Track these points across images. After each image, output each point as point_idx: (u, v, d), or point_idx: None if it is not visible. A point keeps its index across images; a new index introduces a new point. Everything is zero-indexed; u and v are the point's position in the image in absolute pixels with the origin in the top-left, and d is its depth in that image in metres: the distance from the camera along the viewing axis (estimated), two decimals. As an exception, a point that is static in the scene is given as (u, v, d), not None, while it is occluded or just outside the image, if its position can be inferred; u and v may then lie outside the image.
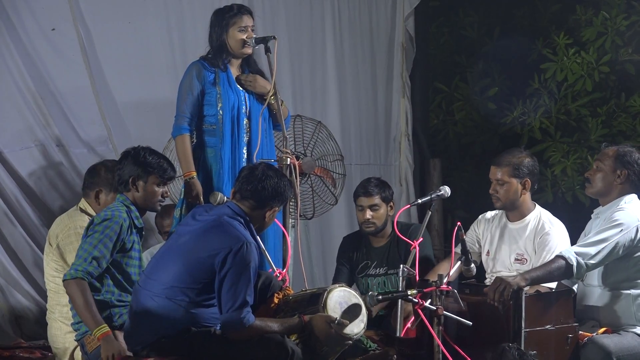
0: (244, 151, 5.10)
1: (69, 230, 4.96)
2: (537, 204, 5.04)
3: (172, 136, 5.10)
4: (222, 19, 5.10)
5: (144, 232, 4.64)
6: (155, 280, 4.12)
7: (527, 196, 4.97)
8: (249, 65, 5.20)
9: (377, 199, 5.44)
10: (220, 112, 5.04)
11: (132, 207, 4.49)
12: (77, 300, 4.23)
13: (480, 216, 5.21)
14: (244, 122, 5.10)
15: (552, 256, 4.73)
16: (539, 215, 4.96)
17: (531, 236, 4.92)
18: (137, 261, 4.50)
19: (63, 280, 4.29)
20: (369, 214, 5.43)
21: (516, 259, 4.93)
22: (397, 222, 5.28)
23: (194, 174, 4.97)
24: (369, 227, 5.46)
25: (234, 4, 5.20)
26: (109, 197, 4.99)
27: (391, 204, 5.51)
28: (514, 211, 4.99)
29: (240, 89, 5.12)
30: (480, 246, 5.13)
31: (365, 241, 5.58)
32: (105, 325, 4.22)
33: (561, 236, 4.90)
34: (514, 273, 4.77)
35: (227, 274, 3.99)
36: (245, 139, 5.11)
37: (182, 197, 5.08)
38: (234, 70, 5.14)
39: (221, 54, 5.10)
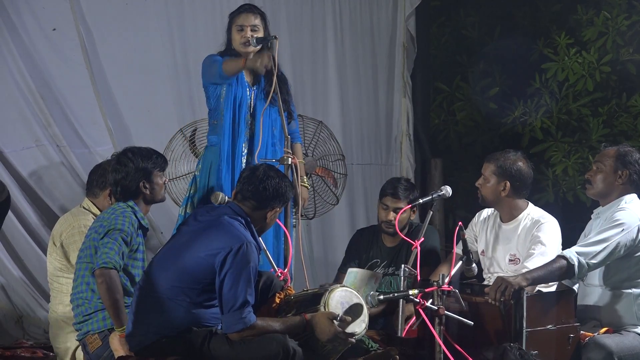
0: (244, 146, 5.08)
1: (73, 229, 4.97)
2: (529, 203, 4.96)
3: (218, 71, 4.95)
4: (229, 19, 5.11)
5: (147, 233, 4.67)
6: (156, 280, 4.12)
7: (513, 199, 4.90)
8: None
9: (403, 203, 5.32)
10: (223, 104, 5.02)
11: (137, 208, 4.52)
12: (112, 290, 4.24)
13: (476, 215, 5.18)
14: (246, 118, 5.08)
15: (539, 247, 4.73)
16: (530, 214, 4.90)
17: (522, 235, 4.87)
18: (141, 262, 4.51)
19: (98, 268, 4.25)
20: (392, 215, 5.33)
21: (510, 260, 4.88)
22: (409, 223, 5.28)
23: (244, 60, 4.88)
24: (389, 228, 5.36)
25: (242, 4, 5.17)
26: None
27: (414, 208, 5.40)
28: (503, 212, 4.95)
29: (248, 84, 5.09)
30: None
31: (378, 239, 5.50)
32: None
33: (552, 230, 4.83)
34: (510, 274, 4.77)
35: (227, 274, 3.99)
36: (247, 135, 5.08)
37: (186, 195, 5.08)
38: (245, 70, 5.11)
39: (229, 53, 5.08)
